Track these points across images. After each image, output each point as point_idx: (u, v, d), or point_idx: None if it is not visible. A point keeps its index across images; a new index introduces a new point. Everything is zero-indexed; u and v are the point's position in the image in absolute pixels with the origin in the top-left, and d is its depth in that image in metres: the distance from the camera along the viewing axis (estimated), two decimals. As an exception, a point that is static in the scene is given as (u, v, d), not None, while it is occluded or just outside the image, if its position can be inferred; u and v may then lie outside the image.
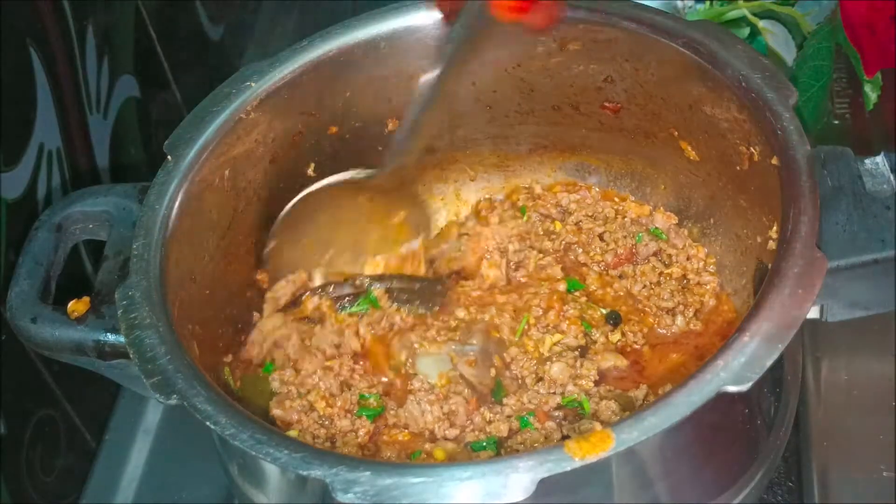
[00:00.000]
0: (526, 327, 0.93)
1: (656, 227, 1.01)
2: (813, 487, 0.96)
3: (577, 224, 1.03)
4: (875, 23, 1.09)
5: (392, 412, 0.90)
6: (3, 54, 0.96)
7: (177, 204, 0.88)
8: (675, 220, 1.01)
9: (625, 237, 1.01)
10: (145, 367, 0.77)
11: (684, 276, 0.99)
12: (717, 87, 0.89)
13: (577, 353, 0.92)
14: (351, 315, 0.96)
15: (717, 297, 0.96)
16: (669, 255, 1.00)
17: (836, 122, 1.21)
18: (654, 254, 1.00)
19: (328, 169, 1.02)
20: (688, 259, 0.99)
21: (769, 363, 0.70)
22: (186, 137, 0.91)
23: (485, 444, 0.86)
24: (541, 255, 1.01)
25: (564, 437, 0.85)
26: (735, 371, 0.70)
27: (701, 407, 0.69)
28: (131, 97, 1.22)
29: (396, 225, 0.99)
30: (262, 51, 1.50)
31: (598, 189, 1.06)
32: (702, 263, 0.98)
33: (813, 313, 0.85)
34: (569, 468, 0.68)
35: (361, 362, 0.95)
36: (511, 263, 1.01)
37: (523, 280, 0.99)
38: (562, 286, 0.98)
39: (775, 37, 1.21)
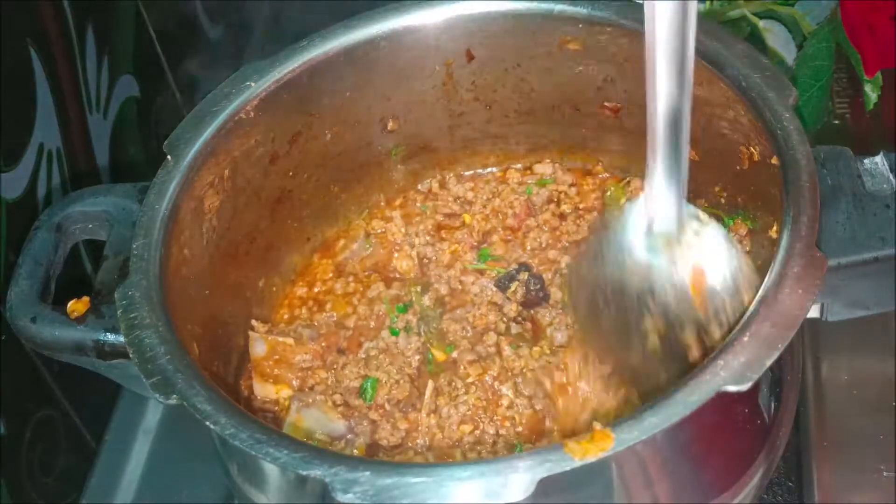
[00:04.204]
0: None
1: (541, 178, 1.05)
2: (813, 487, 0.96)
3: (483, 207, 1.05)
4: (875, 23, 1.09)
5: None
6: (3, 54, 0.96)
7: (177, 204, 0.87)
8: (556, 165, 1.06)
9: (518, 196, 1.04)
10: (145, 367, 0.77)
11: (577, 208, 1.03)
12: (717, 88, 0.89)
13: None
14: None
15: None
16: (559, 194, 1.04)
17: (836, 122, 1.21)
18: (548, 200, 1.04)
19: (329, 169, 1.02)
20: (577, 192, 1.04)
21: (769, 363, 0.70)
22: (186, 137, 0.91)
23: None
24: (456, 245, 1.02)
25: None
26: (735, 371, 0.70)
27: (701, 407, 0.69)
28: (131, 97, 1.22)
29: None
30: (262, 51, 1.50)
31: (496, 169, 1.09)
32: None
33: (813, 313, 0.85)
34: (568, 468, 0.68)
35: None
36: (424, 258, 1.02)
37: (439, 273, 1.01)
38: (470, 256, 1.00)
39: (775, 37, 1.21)
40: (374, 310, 0.98)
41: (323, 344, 0.95)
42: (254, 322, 0.96)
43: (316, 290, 1.02)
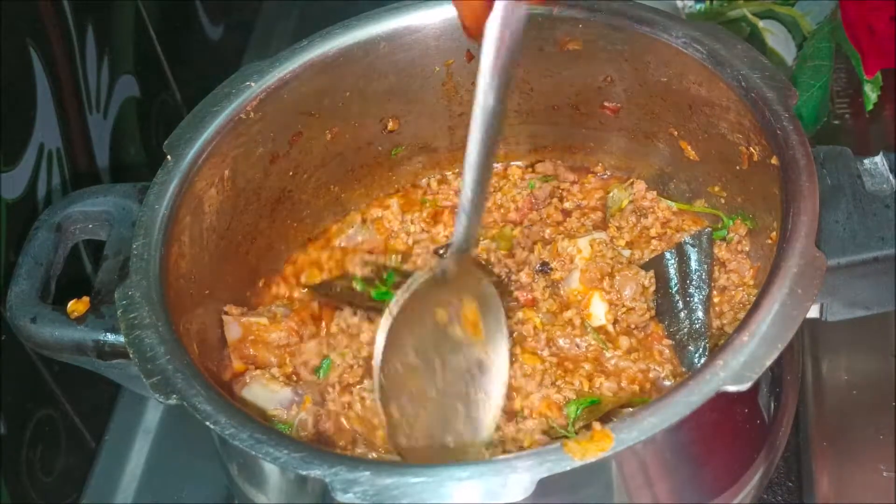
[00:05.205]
0: None
1: (544, 175, 1.05)
2: (813, 487, 0.96)
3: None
4: (875, 23, 1.09)
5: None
6: (3, 54, 0.96)
7: (177, 204, 0.88)
8: (557, 162, 1.05)
9: (520, 190, 1.04)
10: (145, 367, 0.77)
11: (580, 205, 1.03)
12: (717, 87, 0.89)
13: None
14: None
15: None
16: (561, 191, 1.04)
17: (836, 122, 1.21)
18: (551, 194, 1.04)
19: (329, 169, 1.02)
20: (580, 189, 1.04)
21: (769, 363, 0.70)
22: (186, 137, 0.91)
23: None
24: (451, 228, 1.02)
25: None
26: (735, 371, 0.70)
27: (701, 407, 0.69)
28: (131, 97, 1.22)
29: (472, 323, 0.85)
30: (262, 51, 1.50)
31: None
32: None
33: (813, 312, 0.85)
34: (568, 468, 0.68)
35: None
36: (414, 238, 1.02)
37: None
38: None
39: (775, 37, 1.21)
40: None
41: (296, 319, 0.95)
42: (226, 307, 0.96)
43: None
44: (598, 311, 0.92)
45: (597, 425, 0.69)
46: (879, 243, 0.83)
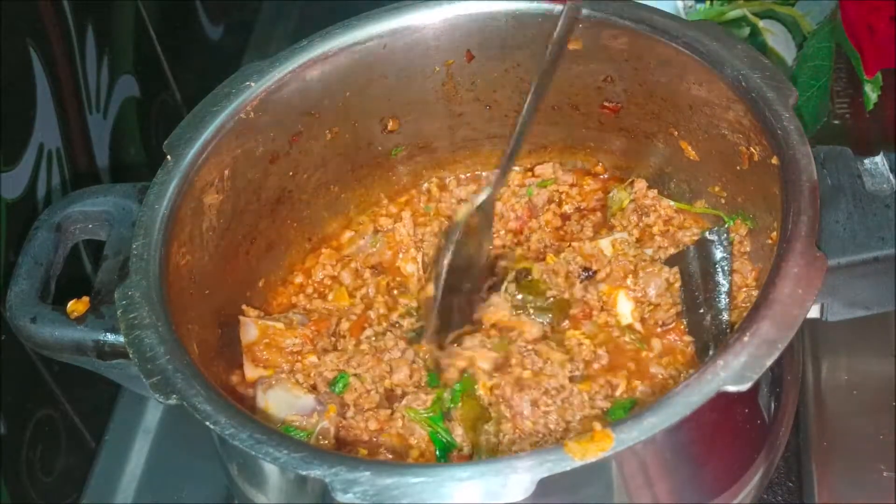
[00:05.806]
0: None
1: (542, 180, 1.05)
2: (813, 487, 0.96)
3: None
4: (875, 23, 1.09)
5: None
6: (3, 54, 0.96)
7: (177, 204, 0.88)
8: (556, 165, 1.06)
9: (519, 199, 1.03)
10: (145, 367, 0.77)
11: (579, 208, 1.03)
12: (717, 88, 0.89)
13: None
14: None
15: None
16: (560, 194, 1.04)
17: (836, 122, 1.21)
18: (548, 200, 1.04)
19: (329, 169, 1.02)
20: (578, 192, 1.05)
21: (769, 363, 0.70)
22: (186, 137, 0.91)
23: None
24: None
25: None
26: (735, 371, 0.70)
27: (701, 407, 0.69)
28: (131, 97, 1.22)
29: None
30: (262, 51, 1.50)
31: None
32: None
33: (813, 312, 0.85)
34: (568, 468, 0.68)
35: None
36: (426, 257, 1.02)
37: None
38: None
39: (775, 37, 1.21)
40: (377, 304, 0.98)
41: (313, 328, 0.95)
42: (244, 307, 0.96)
43: (321, 276, 1.02)
44: (625, 310, 0.92)
45: (597, 425, 0.69)
46: (879, 243, 0.83)
